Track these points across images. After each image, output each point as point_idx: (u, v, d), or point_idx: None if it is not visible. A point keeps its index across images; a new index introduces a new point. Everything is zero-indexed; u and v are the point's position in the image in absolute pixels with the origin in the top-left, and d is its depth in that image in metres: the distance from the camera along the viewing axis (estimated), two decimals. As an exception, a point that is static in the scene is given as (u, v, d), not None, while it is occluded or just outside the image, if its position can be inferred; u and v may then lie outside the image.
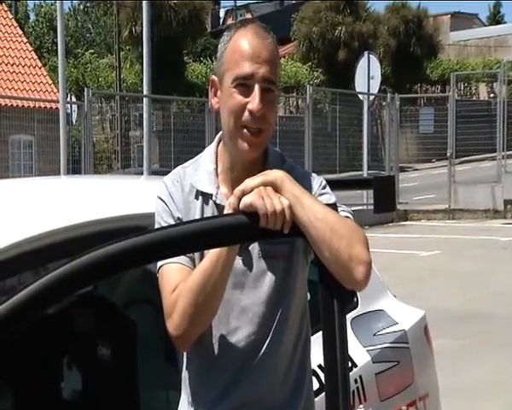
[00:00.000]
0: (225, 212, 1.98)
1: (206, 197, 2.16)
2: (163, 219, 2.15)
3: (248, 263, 2.13)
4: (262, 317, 2.13)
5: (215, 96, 2.17)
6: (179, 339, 2.06)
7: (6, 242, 2.44)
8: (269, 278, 2.13)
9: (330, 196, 2.14)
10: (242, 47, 2.09)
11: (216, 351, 2.15)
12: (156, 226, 2.15)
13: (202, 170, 2.19)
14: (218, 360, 2.15)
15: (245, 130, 2.08)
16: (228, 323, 2.14)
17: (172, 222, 2.13)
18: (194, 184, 2.17)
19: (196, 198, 2.17)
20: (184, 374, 2.24)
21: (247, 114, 2.07)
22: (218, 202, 2.14)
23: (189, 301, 2.01)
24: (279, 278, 2.13)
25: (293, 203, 1.94)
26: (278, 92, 2.15)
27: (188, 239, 1.84)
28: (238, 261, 2.10)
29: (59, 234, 2.52)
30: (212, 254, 2.00)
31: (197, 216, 2.14)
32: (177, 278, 2.06)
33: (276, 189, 1.97)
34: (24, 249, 2.44)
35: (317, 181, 2.18)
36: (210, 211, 2.15)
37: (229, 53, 2.11)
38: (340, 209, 2.09)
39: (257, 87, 2.06)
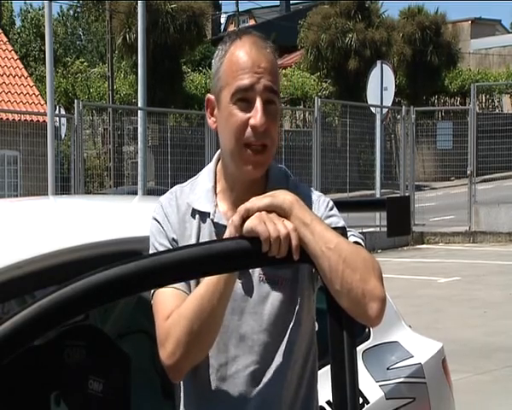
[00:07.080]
0: (227, 230, 1.99)
1: (203, 216, 2.18)
2: (157, 241, 2.18)
3: (248, 287, 2.14)
4: (263, 346, 2.13)
5: (212, 115, 2.20)
6: (172, 369, 2.07)
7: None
8: (270, 305, 2.13)
9: (338, 220, 2.15)
10: (240, 59, 2.11)
11: (214, 382, 2.16)
12: (151, 248, 2.19)
13: (200, 188, 2.22)
14: (216, 391, 2.15)
15: (248, 150, 2.09)
16: (227, 351, 2.15)
17: (167, 243, 2.16)
18: (191, 203, 2.20)
19: (193, 217, 2.19)
20: (181, 406, 2.24)
21: (249, 130, 2.08)
22: (215, 220, 2.16)
23: (184, 330, 2.02)
24: (282, 306, 2.13)
25: (302, 231, 1.94)
26: (280, 105, 2.17)
27: (183, 266, 1.85)
28: (237, 285, 2.10)
29: (46, 260, 2.53)
30: (208, 280, 2.01)
31: (193, 236, 2.16)
32: (172, 304, 2.07)
33: (284, 213, 1.97)
34: (9, 276, 2.45)
35: (324, 202, 2.18)
36: (207, 230, 2.17)
37: (226, 67, 2.13)
38: (349, 234, 2.10)
39: (258, 100, 2.08)
